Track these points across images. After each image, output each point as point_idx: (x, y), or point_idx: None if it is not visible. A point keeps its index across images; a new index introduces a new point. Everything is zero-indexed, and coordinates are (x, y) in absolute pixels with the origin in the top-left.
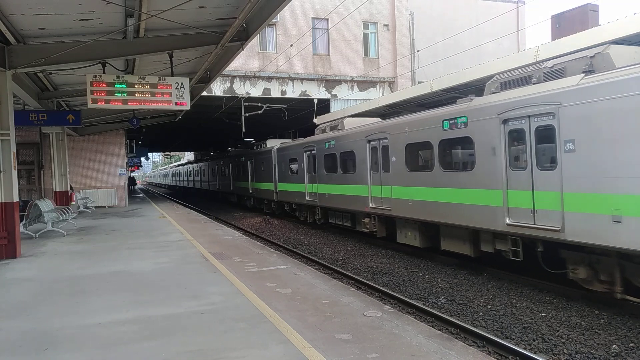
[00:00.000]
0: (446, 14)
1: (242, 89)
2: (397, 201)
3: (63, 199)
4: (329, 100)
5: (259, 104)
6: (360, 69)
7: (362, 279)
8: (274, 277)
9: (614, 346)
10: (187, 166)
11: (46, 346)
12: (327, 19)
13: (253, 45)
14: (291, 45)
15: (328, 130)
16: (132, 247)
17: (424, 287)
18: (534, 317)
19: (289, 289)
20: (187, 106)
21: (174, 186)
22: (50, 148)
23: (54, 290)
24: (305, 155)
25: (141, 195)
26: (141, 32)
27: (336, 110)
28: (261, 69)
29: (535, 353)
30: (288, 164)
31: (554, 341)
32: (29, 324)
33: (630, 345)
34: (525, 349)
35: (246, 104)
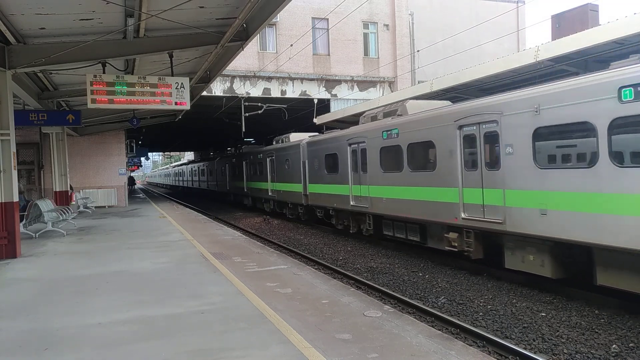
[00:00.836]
0: (446, 13)
1: (242, 89)
2: (516, 211)
3: (63, 199)
4: (329, 100)
5: (259, 104)
6: (360, 69)
7: (362, 279)
8: (274, 277)
9: (614, 346)
10: (191, 165)
11: (46, 346)
12: (327, 19)
13: (253, 45)
14: (291, 45)
15: (381, 117)
16: (132, 247)
17: (424, 287)
18: (534, 317)
19: (289, 288)
20: (187, 106)
21: (175, 186)
22: (50, 148)
23: (54, 290)
24: (350, 149)
25: (141, 195)
26: (141, 32)
27: (336, 110)
28: (261, 68)
29: (535, 353)
30: (323, 160)
31: (554, 341)
32: (29, 324)
33: (630, 345)
34: (525, 348)
35: (246, 104)
